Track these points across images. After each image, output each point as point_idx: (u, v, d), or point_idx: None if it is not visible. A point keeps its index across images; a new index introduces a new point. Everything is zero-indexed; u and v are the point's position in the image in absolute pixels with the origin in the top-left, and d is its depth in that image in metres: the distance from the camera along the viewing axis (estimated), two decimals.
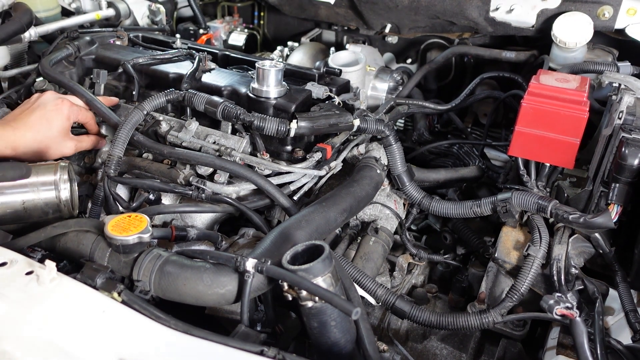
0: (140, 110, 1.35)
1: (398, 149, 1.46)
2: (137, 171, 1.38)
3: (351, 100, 1.60)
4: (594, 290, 1.25)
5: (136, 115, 1.34)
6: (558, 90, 1.35)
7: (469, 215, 1.41)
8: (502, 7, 1.80)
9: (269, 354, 0.83)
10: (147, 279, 1.00)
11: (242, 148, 1.38)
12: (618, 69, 1.58)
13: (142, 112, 1.35)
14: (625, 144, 1.18)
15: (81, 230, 1.09)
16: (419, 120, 2.07)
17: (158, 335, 0.85)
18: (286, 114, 1.40)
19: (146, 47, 1.79)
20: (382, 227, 1.46)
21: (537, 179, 1.43)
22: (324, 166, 1.38)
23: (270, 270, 0.92)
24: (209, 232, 1.28)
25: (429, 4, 1.88)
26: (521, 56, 1.89)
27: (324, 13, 2.23)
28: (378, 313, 1.43)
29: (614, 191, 1.22)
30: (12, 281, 0.90)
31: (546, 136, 1.35)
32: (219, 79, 1.53)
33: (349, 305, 0.85)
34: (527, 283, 1.23)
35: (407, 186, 1.48)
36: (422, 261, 1.57)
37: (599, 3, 1.66)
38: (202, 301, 1.00)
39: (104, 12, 2.18)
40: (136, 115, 1.34)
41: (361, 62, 1.92)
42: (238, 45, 2.41)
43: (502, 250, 1.37)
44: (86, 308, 0.87)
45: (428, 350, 1.36)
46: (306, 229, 1.14)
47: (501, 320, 1.22)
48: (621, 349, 1.11)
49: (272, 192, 1.29)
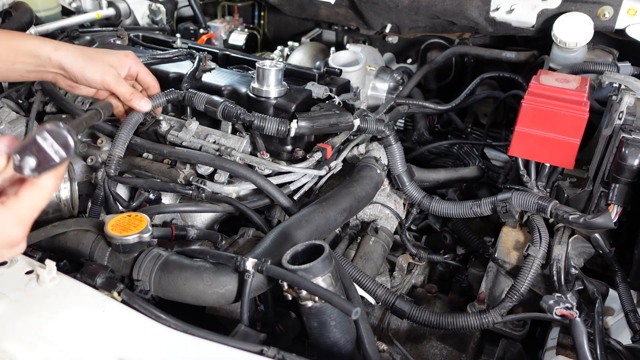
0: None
1: (398, 149, 1.46)
2: (137, 171, 1.38)
3: (351, 100, 1.60)
4: (593, 290, 1.25)
5: (136, 115, 1.34)
6: (558, 91, 1.35)
7: (469, 215, 1.41)
8: (503, 7, 1.80)
9: (269, 354, 0.83)
10: (147, 278, 1.00)
11: (242, 148, 1.38)
12: (618, 69, 1.58)
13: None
14: (625, 145, 1.18)
15: (81, 230, 1.09)
16: (419, 120, 2.07)
17: (158, 335, 0.85)
18: (286, 113, 1.40)
19: (146, 47, 1.79)
20: (382, 227, 1.46)
21: (537, 179, 1.43)
22: (324, 166, 1.38)
23: (270, 270, 0.92)
24: (209, 232, 1.29)
25: (429, 4, 1.88)
26: (521, 56, 1.89)
27: (324, 13, 2.23)
28: (378, 313, 1.43)
29: (614, 191, 1.22)
30: (12, 280, 0.90)
31: (546, 136, 1.35)
32: (219, 79, 1.53)
33: (348, 305, 0.85)
34: (527, 283, 1.23)
35: (407, 186, 1.48)
36: (422, 261, 1.57)
37: (600, 3, 1.66)
38: (202, 301, 1.00)
39: (105, 11, 2.18)
40: (136, 115, 1.34)
41: (361, 62, 1.92)
42: (238, 45, 2.41)
43: (502, 251, 1.37)
44: (86, 307, 0.87)
45: (428, 350, 1.36)
46: (306, 228, 1.14)
47: (501, 320, 1.22)
48: (621, 349, 1.11)
49: (272, 192, 1.29)
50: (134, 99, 1.32)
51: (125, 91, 1.32)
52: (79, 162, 1.50)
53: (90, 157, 1.46)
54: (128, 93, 1.32)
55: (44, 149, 0.72)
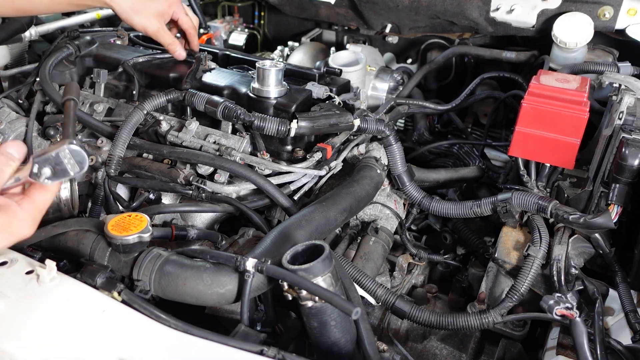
0: (140, 110, 1.35)
1: (398, 149, 1.46)
2: (137, 171, 1.38)
3: (351, 100, 1.60)
4: (593, 290, 1.25)
5: (136, 115, 1.34)
6: (558, 91, 1.35)
7: (469, 215, 1.41)
8: (503, 7, 1.80)
9: (269, 354, 0.83)
10: (147, 278, 1.00)
11: (243, 148, 1.38)
12: (618, 69, 1.58)
13: (142, 112, 1.35)
14: (625, 145, 1.18)
15: (81, 230, 1.09)
16: (419, 120, 2.07)
17: (158, 335, 0.85)
18: (286, 113, 1.40)
19: (146, 47, 1.79)
20: (382, 227, 1.46)
21: (537, 179, 1.44)
22: (324, 166, 1.38)
23: (270, 270, 0.92)
24: (209, 232, 1.29)
25: (429, 4, 1.88)
26: (521, 56, 1.89)
27: (324, 13, 2.23)
28: (378, 313, 1.43)
29: (614, 191, 1.22)
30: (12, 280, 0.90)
31: (546, 136, 1.35)
32: (219, 79, 1.53)
33: (349, 305, 0.85)
34: (527, 283, 1.23)
35: (407, 186, 1.48)
36: (422, 261, 1.57)
37: (600, 3, 1.66)
38: (202, 301, 1.00)
39: (105, 11, 2.17)
40: (136, 115, 1.34)
41: (361, 62, 1.92)
42: (238, 45, 2.41)
43: (502, 251, 1.37)
44: (86, 308, 0.87)
45: (428, 350, 1.36)
46: (306, 228, 1.14)
47: (501, 320, 1.22)
48: (621, 349, 1.11)
49: (272, 192, 1.29)
50: (171, 47, 1.55)
51: (165, 41, 1.54)
52: None
53: (90, 157, 1.45)
54: (167, 43, 1.55)
55: (64, 164, 0.83)
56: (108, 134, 1.40)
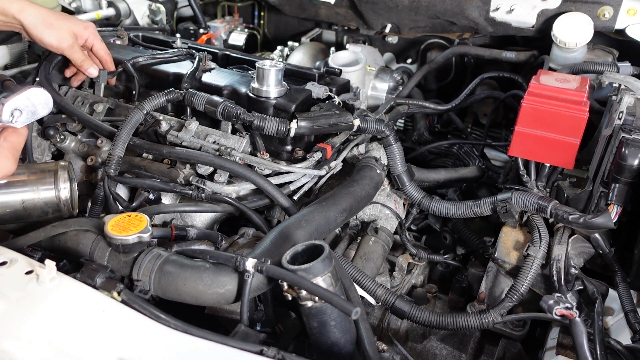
0: (140, 110, 1.35)
1: (398, 149, 1.46)
2: (137, 171, 1.38)
3: (351, 100, 1.60)
4: (593, 290, 1.25)
5: (136, 115, 1.34)
6: (558, 91, 1.35)
7: (468, 215, 1.41)
8: (502, 7, 1.80)
9: (269, 354, 0.83)
10: (147, 278, 1.00)
11: (242, 148, 1.38)
12: (618, 69, 1.58)
13: (142, 112, 1.35)
14: (625, 145, 1.18)
15: (81, 230, 1.09)
16: (419, 120, 2.07)
17: (158, 335, 0.85)
18: (286, 113, 1.40)
19: (146, 47, 1.79)
20: (382, 227, 1.46)
21: (537, 179, 1.44)
22: (324, 166, 1.38)
23: (270, 270, 0.92)
24: (208, 232, 1.28)
25: (429, 4, 1.88)
26: (521, 56, 1.89)
27: (324, 13, 2.23)
28: (378, 313, 1.43)
29: (614, 191, 1.22)
30: (12, 280, 0.90)
31: (546, 136, 1.35)
32: (219, 79, 1.53)
33: (348, 305, 0.85)
34: (526, 283, 1.23)
35: (407, 186, 1.48)
36: (422, 261, 1.57)
37: (599, 3, 1.66)
38: (201, 301, 1.00)
39: (104, 11, 2.18)
40: (136, 115, 1.34)
41: (361, 62, 1.92)
42: (238, 45, 2.41)
43: (502, 250, 1.37)
44: (86, 308, 0.87)
45: (428, 350, 1.36)
46: (306, 228, 1.14)
47: (501, 320, 1.22)
48: (621, 349, 1.11)
49: (272, 192, 1.29)
50: (84, 65, 1.51)
51: (77, 57, 1.49)
52: (79, 162, 1.50)
53: (90, 157, 1.46)
54: (79, 60, 1.50)
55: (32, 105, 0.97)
56: (108, 134, 1.40)
